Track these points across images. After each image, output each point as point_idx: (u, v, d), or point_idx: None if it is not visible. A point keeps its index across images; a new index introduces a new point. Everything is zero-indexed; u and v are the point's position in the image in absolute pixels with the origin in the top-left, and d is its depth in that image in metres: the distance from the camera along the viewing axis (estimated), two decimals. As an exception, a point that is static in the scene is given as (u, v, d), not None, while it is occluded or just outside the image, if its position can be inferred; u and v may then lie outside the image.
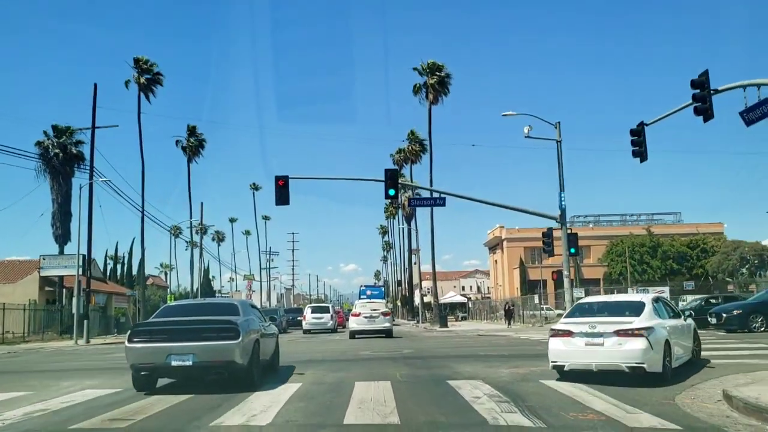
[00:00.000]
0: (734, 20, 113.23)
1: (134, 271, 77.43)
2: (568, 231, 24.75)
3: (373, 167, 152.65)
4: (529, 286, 74.44)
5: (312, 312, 38.78)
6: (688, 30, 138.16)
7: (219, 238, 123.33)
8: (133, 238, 70.12)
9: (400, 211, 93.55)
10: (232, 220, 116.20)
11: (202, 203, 54.96)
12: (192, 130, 53.29)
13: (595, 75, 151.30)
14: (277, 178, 22.96)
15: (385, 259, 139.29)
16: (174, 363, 9.60)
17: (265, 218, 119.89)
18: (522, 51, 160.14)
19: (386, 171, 23.20)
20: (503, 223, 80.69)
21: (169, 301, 47.29)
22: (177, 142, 53.47)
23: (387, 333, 26.63)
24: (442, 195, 24.31)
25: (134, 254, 67.52)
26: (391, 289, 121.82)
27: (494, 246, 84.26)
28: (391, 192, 23.05)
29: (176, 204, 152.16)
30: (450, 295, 61.98)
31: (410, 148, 59.48)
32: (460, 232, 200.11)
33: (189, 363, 9.56)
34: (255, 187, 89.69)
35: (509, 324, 40.26)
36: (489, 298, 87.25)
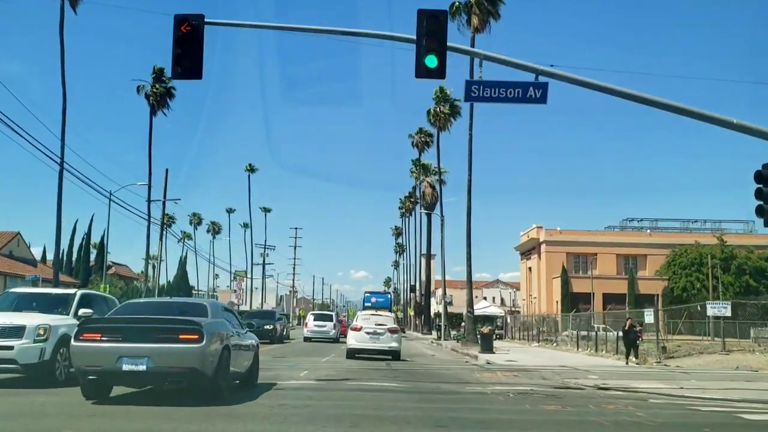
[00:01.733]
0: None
1: (108, 258, 65.50)
2: None
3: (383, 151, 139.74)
4: (572, 301, 61.43)
5: (314, 319, 37.02)
6: None
7: (215, 229, 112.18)
8: (92, 215, 57.43)
9: (417, 207, 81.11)
10: (229, 211, 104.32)
11: (167, 169, 42.38)
12: (158, 74, 40.92)
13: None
14: (179, 20, 10.43)
15: (396, 265, 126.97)
16: (126, 367, 8.31)
17: (265, 210, 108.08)
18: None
19: (421, 15, 10.55)
20: (541, 222, 67.44)
21: (103, 290, 35.18)
22: (139, 88, 41.15)
23: (393, 355, 21.48)
24: (542, 73, 10.82)
25: (105, 239, 55.15)
26: (402, 296, 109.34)
27: (528, 251, 70.97)
28: (431, 61, 10.46)
29: (186, 191, 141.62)
30: (483, 306, 49.26)
31: (439, 110, 46.59)
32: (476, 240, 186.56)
33: (143, 368, 8.28)
34: (250, 169, 77.42)
35: (630, 358, 21.53)
36: (518, 312, 73.65)
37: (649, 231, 67.33)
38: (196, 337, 8.43)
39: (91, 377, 8.62)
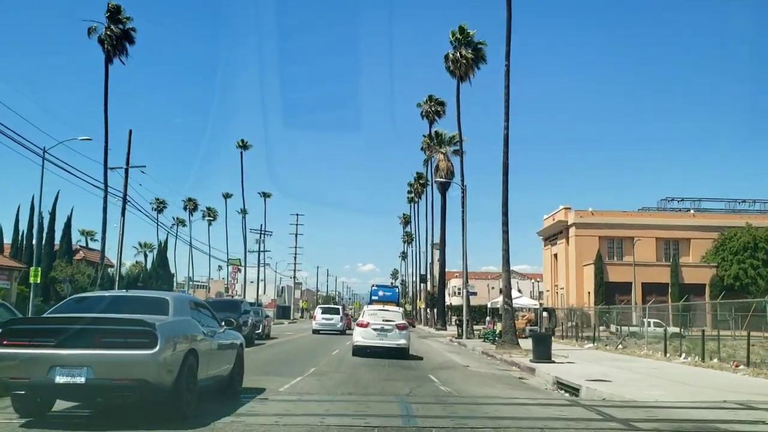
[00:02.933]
0: None
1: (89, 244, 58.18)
2: None
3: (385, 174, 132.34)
4: (606, 292, 53.61)
5: (322, 313, 39.66)
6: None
7: (211, 215, 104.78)
8: (58, 192, 50.01)
9: (428, 189, 73.46)
10: (226, 196, 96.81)
11: (130, 131, 34.87)
12: (114, 13, 33.24)
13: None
14: None
15: (404, 256, 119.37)
16: (60, 379, 6.64)
17: (265, 195, 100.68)
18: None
19: None
20: (569, 203, 59.54)
21: (32, 279, 27.80)
22: (90, 30, 33.48)
23: (401, 352, 19.36)
24: None
25: (71, 217, 47.81)
26: (410, 288, 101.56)
27: (554, 235, 63.12)
28: None
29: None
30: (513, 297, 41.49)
31: (459, 55, 38.67)
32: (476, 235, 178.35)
33: (81, 380, 6.62)
34: (243, 146, 69.69)
35: None
36: (541, 304, 65.54)
37: (692, 212, 59.32)
38: (148, 340, 6.81)
39: (18, 392, 7.09)
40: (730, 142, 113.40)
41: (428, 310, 66.82)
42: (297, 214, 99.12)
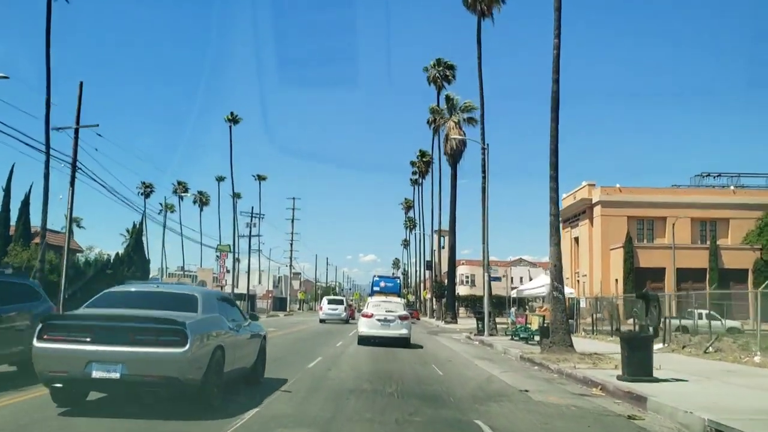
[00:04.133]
0: None
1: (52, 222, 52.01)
2: None
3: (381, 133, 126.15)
4: (637, 278, 47.46)
5: (328, 303, 44.74)
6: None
7: (202, 200, 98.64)
8: (13, 166, 43.81)
9: (433, 169, 67.31)
10: (219, 179, 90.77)
11: (81, 83, 28.83)
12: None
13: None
14: None
15: (406, 243, 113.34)
16: (96, 374, 6.95)
17: (260, 178, 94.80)
18: None
19: None
20: (593, 179, 53.25)
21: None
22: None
23: (403, 342, 20.64)
24: None
25: (30, 194, 41.59)
26: (412, 278, 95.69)
27: (575, 216, 56.89)
28: None
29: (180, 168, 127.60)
30: (538, 284, 34.65)
31: None
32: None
33: (116, 375, 6.93)
34: (233, 119, 63.36)
35: None
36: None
37: (732, 188, 53.06)
38: (179, 339, 7.10)
39: (56, 385, 7.34)
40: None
41: (434, 300, 60.70)
42: (293, 198, 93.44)
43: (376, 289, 38.68)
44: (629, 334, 11.22)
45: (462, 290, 78.71)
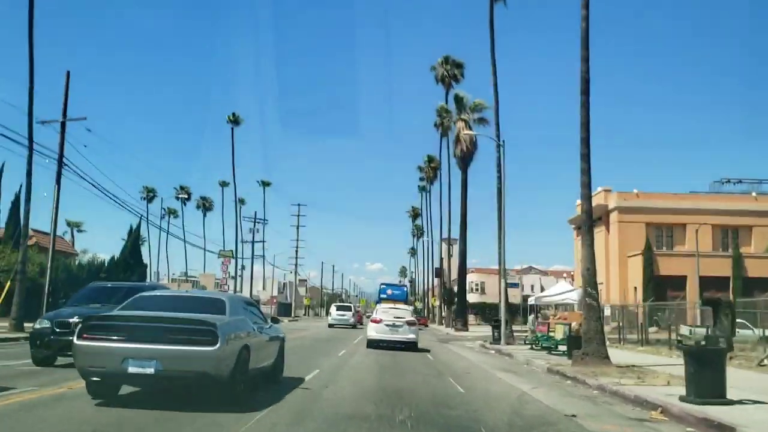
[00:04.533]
0: None
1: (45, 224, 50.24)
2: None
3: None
4: (656, 287, 45.09)
5: (337, 309, 47.18)
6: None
7: (206, 205, 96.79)
8: (2, 164, 42.11)
9: (442, 172, 65.44)
10: (222, 184, 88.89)
11: (68, 72, 27.08)
12: None
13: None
14: None
15: (413, 252, 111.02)
16: (132, 369, 7.46)
17: (265, 183, 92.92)
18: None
19: None
20: (609, 185, 51.03)
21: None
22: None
23: (411, 346, 21.49)
24: None
25: (20, 194, 39.84)
26: (420, 286, 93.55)
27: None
28: None
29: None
30: (559, 290, 32.34)
31: None
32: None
33: (151, 371, 7.44)
34: (234, 120, 61.52)
35: None
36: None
37: (755, 195, 50.69)
38: (210, 338, 7.62)
39: (94, 379, 7.94)
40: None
41: (444, 308, 58.46)
42: (299, 204, 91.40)
43: (383, 296, 38.74)
44: (697, 348, 9.07)
45: (471, 298, 76.28)
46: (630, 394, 10.33)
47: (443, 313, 59.00)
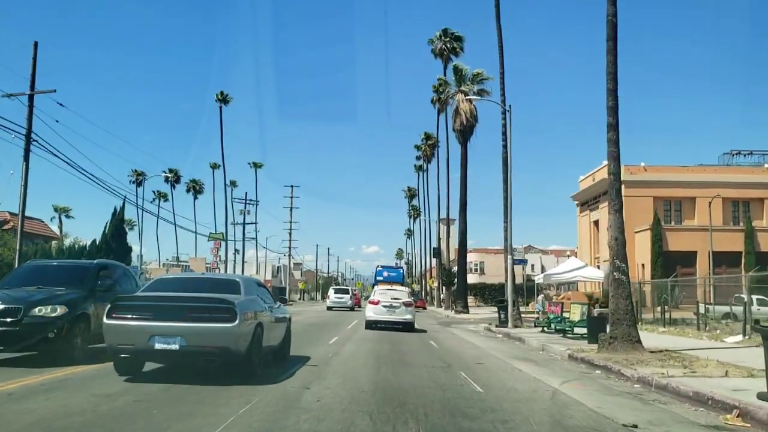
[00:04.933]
0: None
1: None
2: None
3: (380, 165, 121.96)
4: (665, 263, 43.17)
5: (335, 293, 48.92)
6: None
7: (196, 188, 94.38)
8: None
9: (439, 150, 63.41)
10: (213, 166, 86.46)
11: (35, 42, 25.08)
12: None
13: None
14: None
15: (409, 233, 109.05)
16: (158, 346, 8.05)
17: (256, 165, 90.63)
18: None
19: None
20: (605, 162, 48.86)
21: None
22: None
23: (408, 326, 22.11)
24: None
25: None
26: (417, 267, 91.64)
27: (594, 198, 52.75)
28: None
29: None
30: (571, 268, 29.13)
31: None
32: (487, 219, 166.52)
33: (176, 347, 8.03)
34: (222, 99, 59.06)
35: None
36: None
37: (767, 166, 48.67)
38: (229, 315, 8.16)
39: (123, 356, 8.48)
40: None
41: (442, 289, 56.55)
42: (291, 186, 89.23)
43: (379, 278, 38.64)
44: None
45: (471, 278, 74.45)
46: (687, 390, 8.32)
47: (442, 295, 57.08)
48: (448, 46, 48.74)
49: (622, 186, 44.70)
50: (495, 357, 13.67)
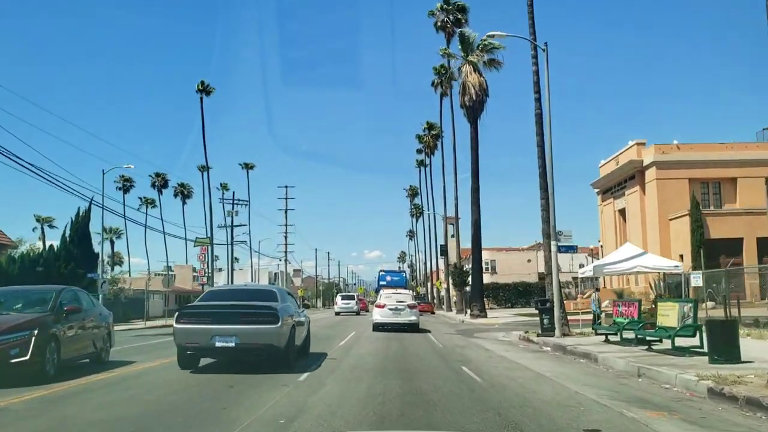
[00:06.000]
0: None
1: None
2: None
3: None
4: (708, 253, 37.64)
5: (342, 299, 52.67)
6: None
7: (184, 193, 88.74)
8: None
9: (442, 143, 58.23)
10: (202, 169, 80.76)
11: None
12: None
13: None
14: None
15: (412, 234, 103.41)
16: (218, 344, 10.53)
17: (248, 166, 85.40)
18: None
19: None
20: (644, 137, 43.62)
21: None
22: None
23: (413, 327, 23.46)
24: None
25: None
26: (424, 268, 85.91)
27: (619, 184, 47.27)
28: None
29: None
30: (624, 256, 24.09)
31: None
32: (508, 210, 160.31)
33: (232, 344, 10.51)
34: (203, 89, 53.62)
35: None
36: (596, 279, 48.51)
37: (813, 142, 43.27)
38: (273, 319, 10.67)
39: (189, 352, 11.05)
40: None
41: (452, 290, 50.96)
42: (286, 186, 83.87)
43: (382, 283, 40.07)
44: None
45: (484, 278, 69.00)
46: None
47: (453, 298, 51.52)
48: (451, 18, 43.61)
49: (653, 168, 38.90)
50: (595, 401, 8.00)
